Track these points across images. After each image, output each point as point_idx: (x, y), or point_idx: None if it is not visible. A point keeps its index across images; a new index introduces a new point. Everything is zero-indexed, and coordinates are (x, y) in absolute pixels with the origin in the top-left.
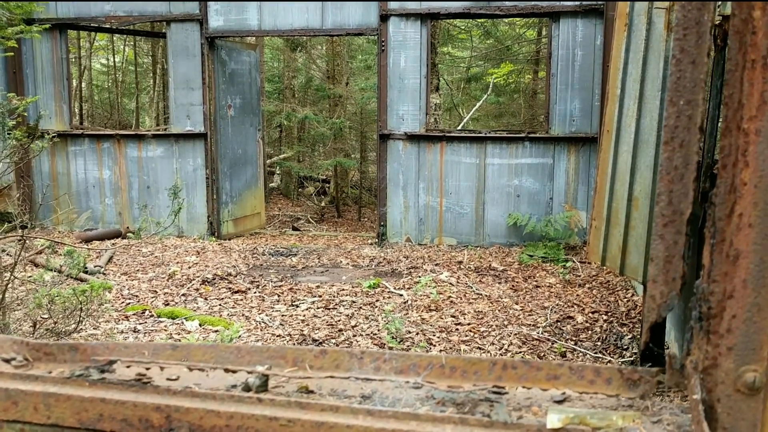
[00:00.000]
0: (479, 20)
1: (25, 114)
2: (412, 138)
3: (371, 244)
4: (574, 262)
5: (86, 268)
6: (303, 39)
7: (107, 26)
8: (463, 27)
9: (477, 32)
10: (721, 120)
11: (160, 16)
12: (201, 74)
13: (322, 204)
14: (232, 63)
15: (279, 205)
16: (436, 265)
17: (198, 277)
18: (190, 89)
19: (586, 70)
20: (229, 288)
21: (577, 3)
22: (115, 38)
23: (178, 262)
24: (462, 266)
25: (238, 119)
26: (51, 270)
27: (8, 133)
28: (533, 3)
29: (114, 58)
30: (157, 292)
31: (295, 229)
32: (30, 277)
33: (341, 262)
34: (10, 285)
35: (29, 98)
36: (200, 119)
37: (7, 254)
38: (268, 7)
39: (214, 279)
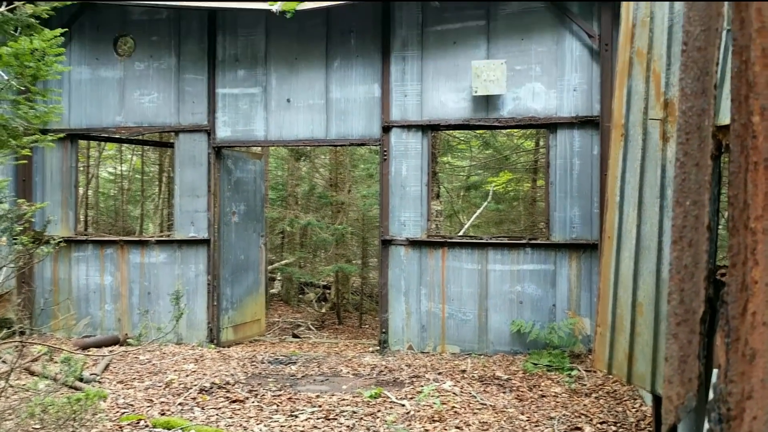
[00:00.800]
0: (478, 131)
1: (33, 220)
2: (413, 244)
3: (372, 351)
4: (579, 370)
5: (82, 376)
6: (307, 148)
7: (117, 136)
8: (462, 138)
9: (476, 143)
10: (727, 220)
11: (170, 127)
12: (207, 182)
13: (323, 310)
14: (237, 171)
15: (279, 312)
16: (439, 373)
17: (195, 385)
18: (195, 196)
19: (585, 179)
20: (227, 397)
21: (573, 115)
22: (123, 147)
23: (175, 370)
24: (465, 375)
25: (242, 225)
26: (46, 378)
27: (14, 239)
28: (531, 115)
29: (121, 166)
30: (153, 401)
31: (295, 336)
32: (24, 385)
33: (342, 370)
34: (3, 393)
35: (37, 204)
36: (204, 225)
37: (3, 361)
38: (275, 119)
39: (212, 388)
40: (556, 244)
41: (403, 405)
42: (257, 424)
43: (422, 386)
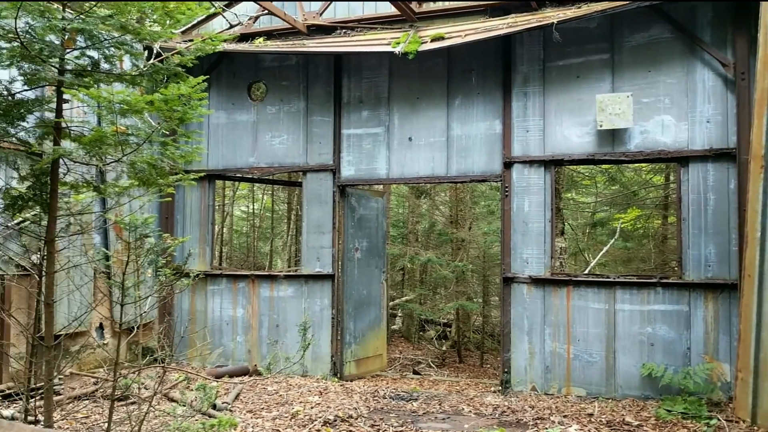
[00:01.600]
0: (604, 166)
1: (174, 254)
2: (536, 282)
3: (494, 391)
4: (719, 419)
5: (215, 403)
6: (428, 186)
7: (250, 176)
8: (587, 173)
9: (601, 178)
10: None
11: (298, 167)
12: (332, 219)
13: (443, 348)
14: (360, 209)
15: (400, 348)
16: (565, 416)
17: (320, 417)
18: (321, 233)
19: (720, 214)
20: (350, 430)
21: (707, 148)
22: (254, 187)
23: (301, 402)
24: (593, 419)
25: (364, 261)
26: (183, 404)
27: (158, 271)
28: (660, 149)
29: (253, 205)
30: (279, 431)
31: (415, 372)
32: (164, 410)
33: (463, 409)
34: (146, 417)
35: (180, 239)
36: (329, 261)
37: (145, 387)
38: (397, 157)
39: (335, 420)
40: (690, 284)
41: None
42: None
43: (546, 429)
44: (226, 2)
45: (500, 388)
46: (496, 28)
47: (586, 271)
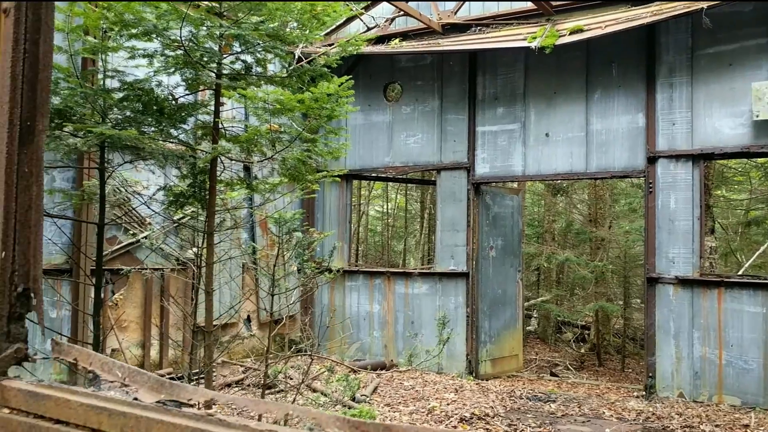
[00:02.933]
0: (759, 160)
1: (316, 249)
2: (683, 282)
3: (637, 396)
4: None
5: (354, 395)
6: (564, 183)
7: (385, 176)
8: (739, 168)
9: (756, 174)
10: None
11: (432, 165)
12: (466, 217)
13: (582, 351)
14: (495, 207)
15: (536, 349)
16: (716, 426)
17: (456, 414)
18: (455, 231)
19: None
20: (487, 429)
21: None
22: (388, 186)
23: (437, 398)
24: (749, 431)
25: (499, 260)
26: (325, 395)
27: (304, 265)
28: None
29: (387, 204)
30: (416, 425)
31: (553, 374)
32: (308, 398)
33: (604, 413)
34: (294, 404)
35: (325, 233)
36: (463, 259)
37: (289, 377)
38: (533, 154)
39: (472, 418)
40: None
41: None
42: None
43: None
44: (364, 5)
45: (644, 393)
46: (639, 17)
47: (740, 273)
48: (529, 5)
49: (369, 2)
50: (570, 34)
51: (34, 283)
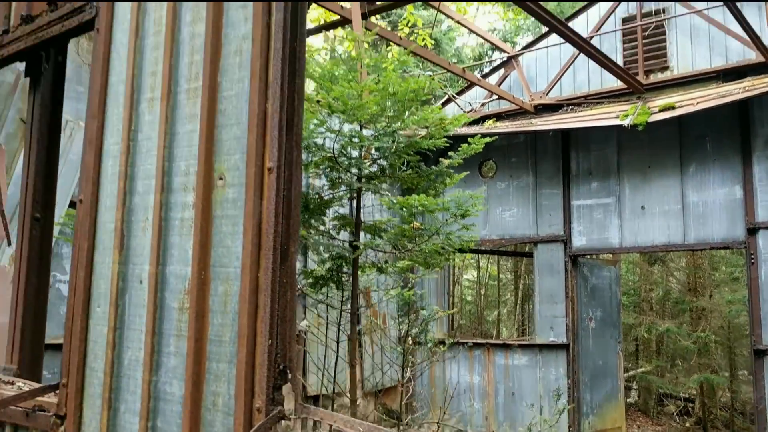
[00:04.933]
0: None
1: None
2: None
3: None
4: None
5: None
6: (660, 253)
7: (483, 248)
8: None
9: None
10: None
11: (528, 238)
12: (564, 289)
13: (687, 425)
14: (593, 278)
15: (638, 422)
16: None
17: None
18: (553, 303)
19: None
20: None
21: None
22: (480, 257)
23: None
24: None
25: (598, 331)
26: None
27: (423, 339)
28: None
29: (479, 274)
30: None
31: None
32: None
33: None
34: None
35: (449, 311)
36: (563, 330)
37: None
38: (629, 226)
39: None
40: None
41: None
42: None
43: None
44: (458, 90)
45: None
46: (730, 94)
47: None
48: (620, 84)
49: (464, 87)
50: (661, 111)
51: (290, 362)
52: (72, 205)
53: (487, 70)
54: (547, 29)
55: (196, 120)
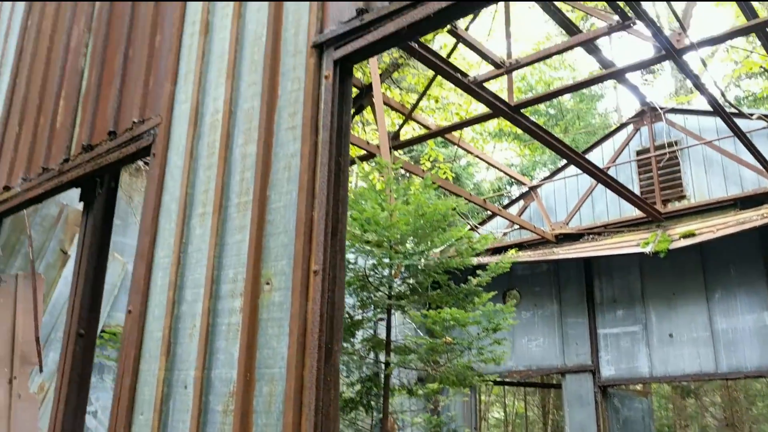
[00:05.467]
0: None
1: None
2: None
3: None
4: None
5: None
6: (693, 385)
7: (510, 380)
8: None
9: None
10: None
11: (556, 369)
12: (595, 421)
13: None
14: (624, 410)
15: None
16: None
17: None
18: None
19: None
20: None
21: None
22: (506, 392)
23: None
24: None
25: None
26: None
27: None
28: None
29: (505, 411)
30: None
31: None
32: None
33: None
34: None
35: None
36: None
37: None
38: (658, 355)
39: None
40: None
41: None
42: None
43: None
44: (480, 221)
45: None
46: (749, 221)
47: None
48: (638, 213)
49: (485, 218)
50: (682, 239)
51: None
52: None
53: (506, 202)
54: (564, 162)
55: (245, 230)
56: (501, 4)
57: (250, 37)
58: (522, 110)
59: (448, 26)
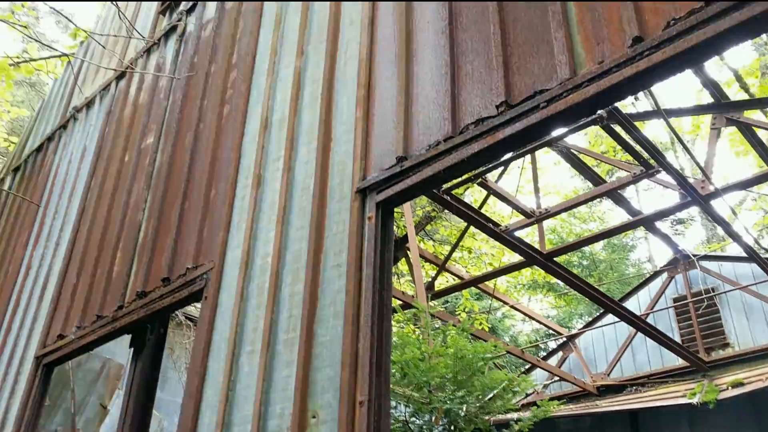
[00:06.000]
0: None
1: None
2: None
3: None
4: None
5: None
6: None
7: None
8: None
9: None
10: None
11: None
12: None
13: None
14: None
15: None
16: None
17: None
18: None
19: None
20: None
21: None
22: None
23: None
24: None
25: None
26: None
27: None
28: None
29: None
30: None
31: None
32: None
33: None
34: None
35: None
36: None
37: None
38: None
39: None
40: None
41: None
42: None
43: None
44: (521, 372)
45: None
46: None
47: None
48: (681, 362)
49: (523, 371)
50: (731, 388)
51: None
52: None
53: (543, 354)
54: (601, 311)
55: (292, 366)
56: (528, 159)
57: (299, 187)
58: (554, 261)
59: (480, 179)
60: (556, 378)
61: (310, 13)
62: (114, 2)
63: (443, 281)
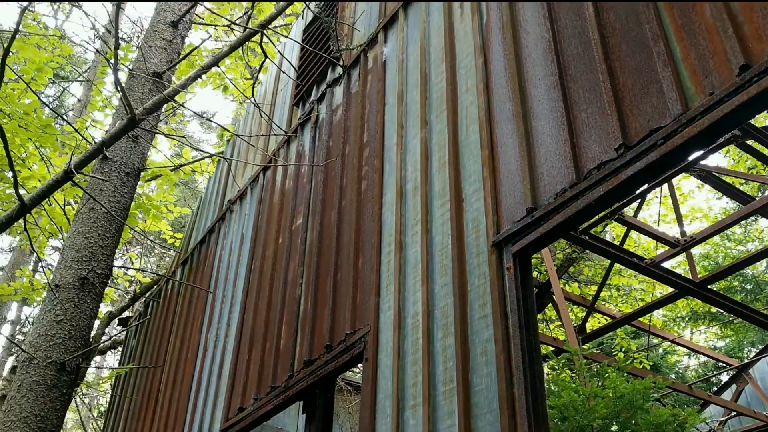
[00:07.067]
0: None
1: None
2: None
3: None
4: None
5: None
6: None
7: None
8: None
9: None
10: None
11: None
12: None
13: None
14: None
15: None
16: None
17: None
18: None
19: None
20: None
21: None
22: None
23: None
24: None
25: None
26: None
27: None
28: None
29: None
30: None
31: None
32: None
33: None
34: None
35: None
36: None
37: None
38: None
39: None
40: None
41: None
42: None
43: None
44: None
45: None
46: None
47: None
48: None
49: (694, 410)
50: None
51: None
52: None
53: (715, 389)
54: None
55: (453, 416)
56: (666, 188)
57: (438, 247)
58: (712, 287)
59: (616, 215)
60: (733, 413)
61: (429, 86)
62: (254, 102)
63: (594, 323)
